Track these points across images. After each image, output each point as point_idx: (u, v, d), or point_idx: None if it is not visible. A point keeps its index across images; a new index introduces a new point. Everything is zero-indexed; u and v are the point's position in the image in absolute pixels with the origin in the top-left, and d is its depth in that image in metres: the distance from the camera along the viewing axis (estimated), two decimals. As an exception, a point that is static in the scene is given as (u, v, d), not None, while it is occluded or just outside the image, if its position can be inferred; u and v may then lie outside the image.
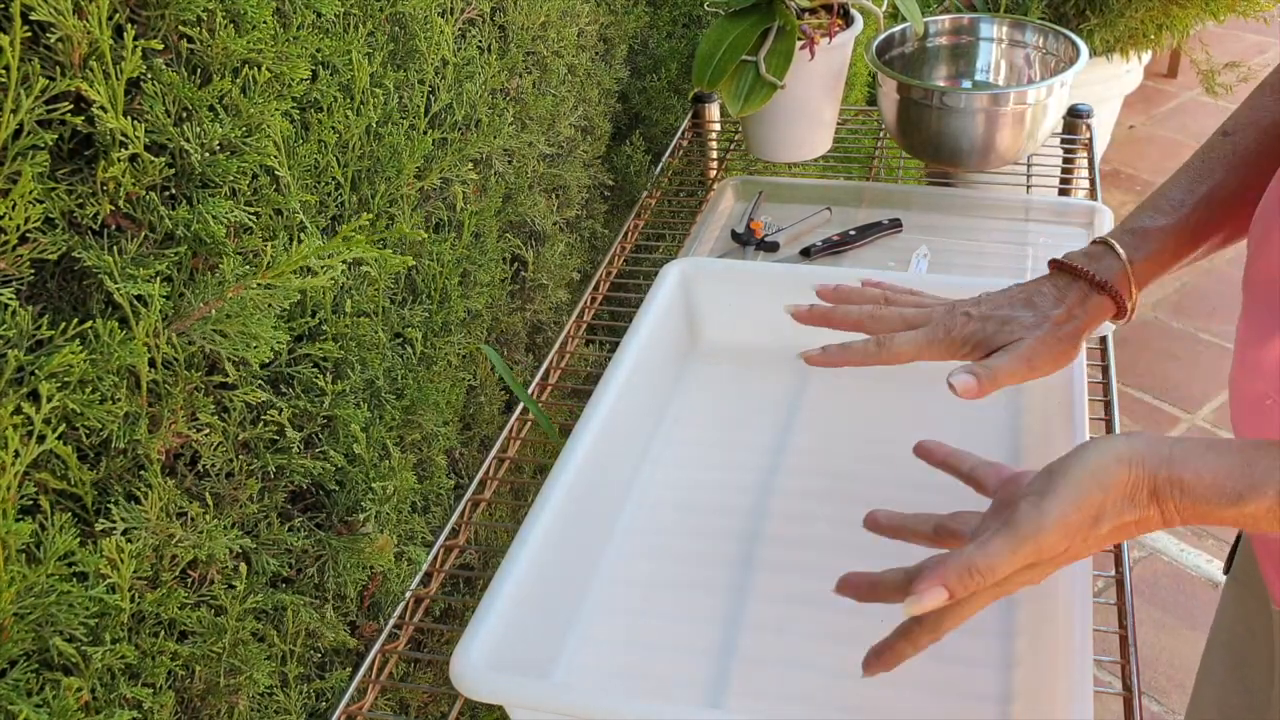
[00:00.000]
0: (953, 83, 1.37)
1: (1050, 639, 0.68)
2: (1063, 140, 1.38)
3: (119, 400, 0.63)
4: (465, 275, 1.03)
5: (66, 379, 0.59)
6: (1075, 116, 1.38)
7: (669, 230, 1.35)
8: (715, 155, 1.47)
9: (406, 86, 0.90)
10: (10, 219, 0.55)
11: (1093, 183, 1.34)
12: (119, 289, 0.61)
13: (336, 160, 0.81)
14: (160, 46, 0.62)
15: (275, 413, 0.76)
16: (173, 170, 0.66)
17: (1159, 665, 1.84)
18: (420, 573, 0.90)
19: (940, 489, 0.86)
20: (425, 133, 0.92)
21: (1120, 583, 0.82)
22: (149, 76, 0.63)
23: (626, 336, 0.90)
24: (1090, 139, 1.38)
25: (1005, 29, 1.34)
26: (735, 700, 0.71)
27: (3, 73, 0.54)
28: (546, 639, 0.74)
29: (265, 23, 0.69)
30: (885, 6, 1.25)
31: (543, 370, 1.09)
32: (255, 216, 0.71)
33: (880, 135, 1.49)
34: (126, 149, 0.62)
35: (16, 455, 0.55)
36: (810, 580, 0.79)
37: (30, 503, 0.58)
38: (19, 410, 0.56)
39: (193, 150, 0.66)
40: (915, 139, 1.27)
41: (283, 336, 0.72)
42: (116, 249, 0.63)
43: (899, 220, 1.23)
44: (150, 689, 0.66)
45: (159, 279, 0.64)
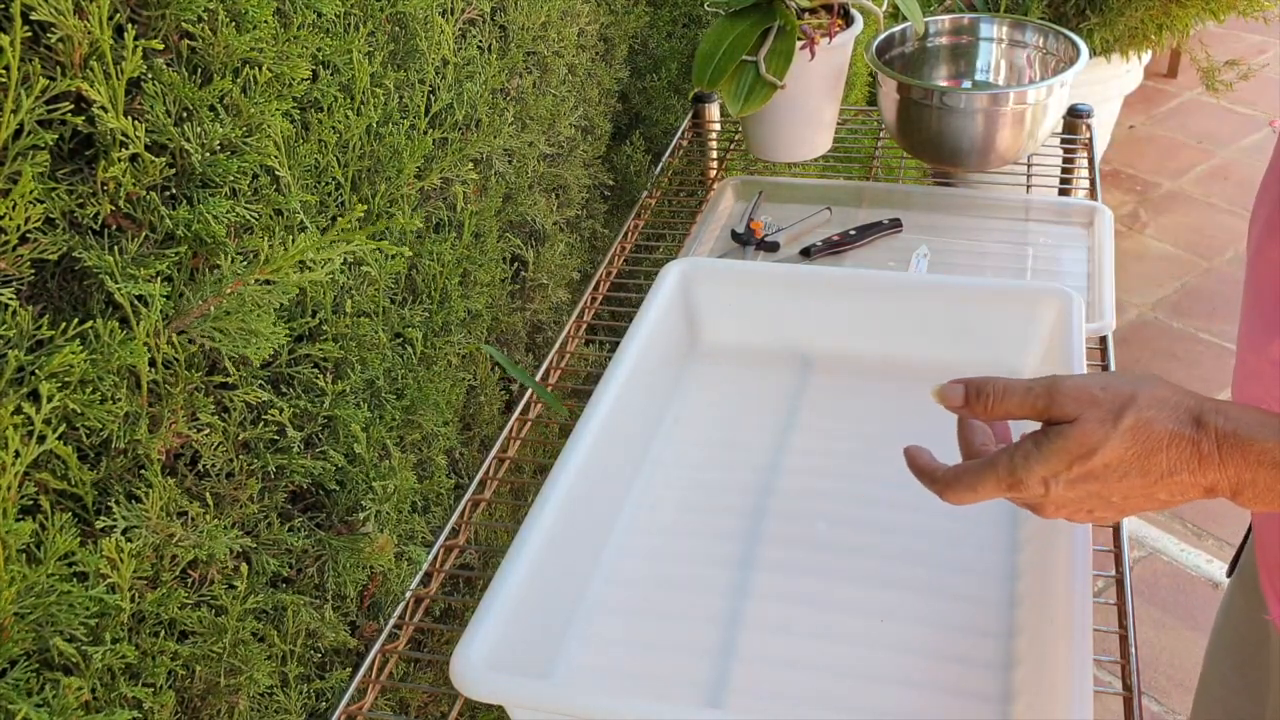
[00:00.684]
0: (953, 83, 1.37)
1: (1050, 639, 0.68)
2: (1063, 140, 1.39)
3: (119, 400, 0.63)
4: (465, 275, 1.03)
5: (67, 379, 0.59)
6: (1075, 116, 1.38)
7: (669, 230, 1.35)
8: (715, 155, 1.47)
9: (407, 86, 0.90)
10: (10, 219, 0.55)
11: (1093, 183, 1.34)
12: (119, 289, 0.61)
13: (337, 160, 0.81)
14: (161, 46, 0.62)
15: (276, 412, 0.76)
16: (173, 170, 0.66)
17: (1159, 665, 1.84)
18: (420, 573, 0.90)
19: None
20: (425, 133, 0.92)
21: (1120, 583, 0.82)
22: (149, 76, 0.63)
23: (626, 336, 0.90)
24: (1090, 139, 1.38)
25: (1005, 29, 1.34)
26: (735, 700, 0.71)
27: (3, 73, 0.54)
28: (546, 639, 0.74)
29: (266, 22, 0.69)
30: (885, 6, 1.25)
31: (543, 370, 1.09)
32: (256, 217, 0.71)
33: (880, 135, 1.49)
34: (127, 149, 0.62)
35: (17, 455, 0.55)
36: (810, 580, 0.79)
37: (30, 503, 0.59)
38: (19, 410, 0.56)
39: (193, 150, 0.66)
40: (915, 139, 1.27)
41: (282, 333, 0.72)
42: (117, 249, 0.63)
43: (899, 220, 1.23)
44: (150, 689, 0.66)
45: (159, 279, 0.64)
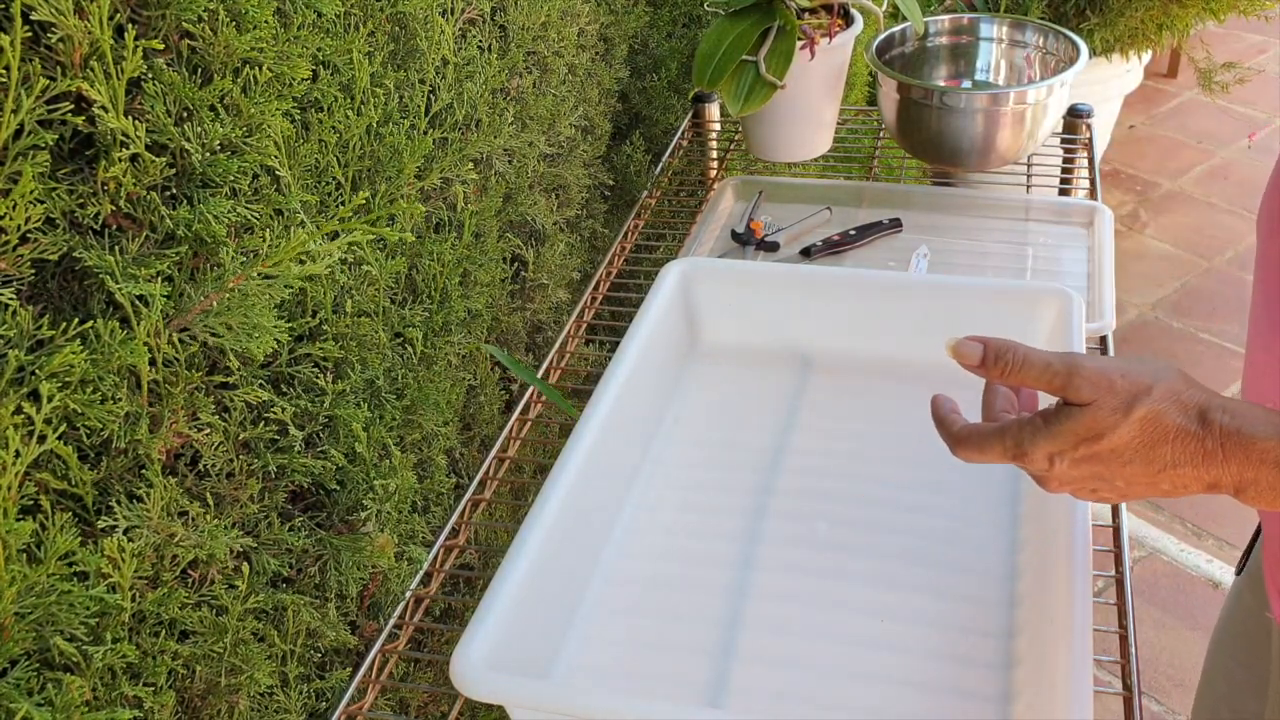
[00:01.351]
0: (953, 83, 1.37)
1: (1050, 639, 0.68)
2: (1063, 140, 1.39)
3: (119, 400, 0.63)
4: (465, 275, 1.03)
5: (67, 379, 0.59)
6: (1075, 116, 1.38)
7: (669, 230, 1.35)
8: (715, 155, 1.47)
9: (407, 86, 0.90)
10: (11, 219, 0.56)
11: (1093, 183, 1.34)
12: (120, 289, 0.61)
13: (337, 160, 0.81)
14: (161, 46, 0.62)
15: (278, 410, 0.76)
16: (173, 170, 0.66)
17: (1159, 665, 1.84)
18: (420, 572, 0.90)
19: (942, 489, 0.86)
20: (426, 132, 0.92)
21: (1120, 582, 0.82)
22: (150, 76, 0.63)
23: (626, 336, 0.90)
24: (1090, 139, 1.38)
25: (1005, 29, 1.34)
26: (735, 700, 0.71)
27: (3, 73, 0.54)
28: (546, 639, 0.74)
29: (266, 22, 0.69)
30: (885, 6, 1.25)
31: (543, 370, 1.09)
32: (256, 217, 0.71)
33: (880, 135, 1.49)
34: (127, 149, 0.62)
35: (17, 455, 0.55)
36: (810, 580, 0.79)
37: (31, 503, 0.59)
38: (19, 410, 0.56)
39: (193, 150, 0.66)
40: (915, 139, 1.27)
41: (284, 328, 0.72)
42: (117, 249, 0.63)
43: (899, 220, 1.23)
44: (151, 688, 0.66)
45: (160, 279, 0.64)
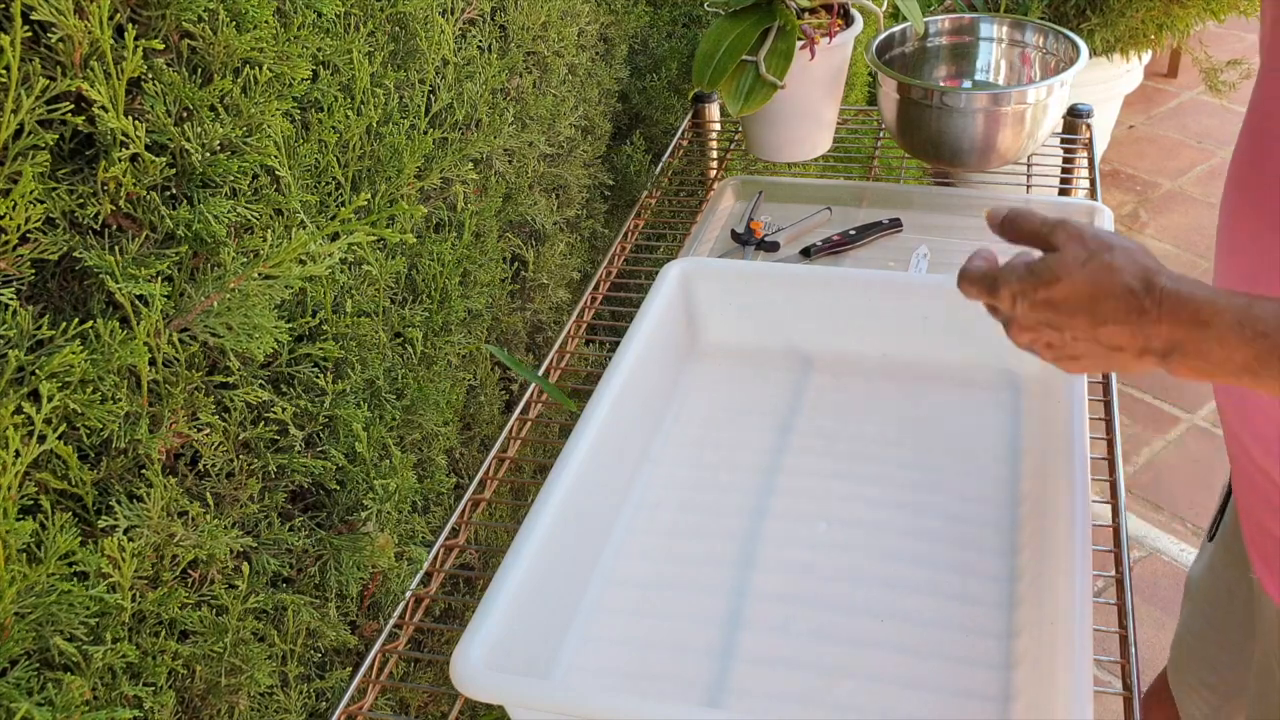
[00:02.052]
0: (953, 83, 1.37)
1: (1050, 639, 0.68)
2: (1063, 140, 1.39)
3: (120, 400, 0.63)
4: (465, 275, 1.03)
5: (67, 379, 0.59)
6: (1075, 116, 1.38)
7: (669, 230, 1.35)
8: (715, 155, 1.47)
9: (407, 86, 0.90)
10: (11, 219, 0.56)
11: (1093, 182, 1.34)
12: (120, 289, 0.61)
13: (337, 160, 0.81)
14: (161, 46, 0.62)
15: (278, 410, 0.76)
16: (173, 170, 0.66)
17: (1159, 665, 1.84)
18: (420, 572, 0.90)
19: (942, 489, 0.86)
20: (425, 132, 0.92)
21: (1120, 583, 0.82)
22: (150, 76, 0.63)
23: (626, 336, 0.90)
24: (1090, 139, 1.38)
25: (1005, 29, 1.34)
26: (735, 700, 0.71)
27: (3, 73, 0.54)
28: (546, 639, 0.74)
29: (266, 22, 0.69)
30: (885, 6, 1.25)
31: (543, 370, 1.09)
32: (256, 217, 0.71)
33: (880, 135, 1.49)
34: (127, 149, 0.62)
35: (17, 455, 0.55)
36: (810, 580, 0.79)
37: (31, 502, 0.59)
38: (20, 410, 0.56)
39: (193, 150, 0.66)
40: (915, 139, 1.27)
41: (284, 328, 0.72)
42: (117, 249, 0.63)
43: (899, 220, 1.23)
44: (151, 688, 0.66)
45: (160, 279, 0.64)
